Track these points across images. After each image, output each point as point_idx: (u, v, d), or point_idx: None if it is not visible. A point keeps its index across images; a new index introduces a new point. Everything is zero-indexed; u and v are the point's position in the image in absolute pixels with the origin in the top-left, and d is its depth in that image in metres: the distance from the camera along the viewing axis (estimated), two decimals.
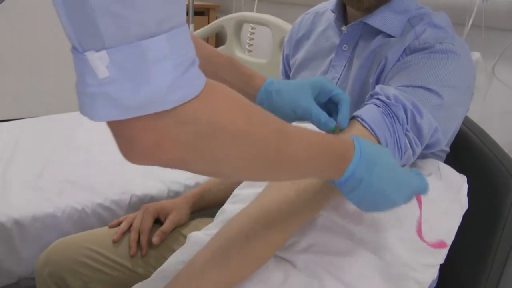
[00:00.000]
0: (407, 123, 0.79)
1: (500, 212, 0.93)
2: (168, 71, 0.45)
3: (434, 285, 0.91)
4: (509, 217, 0.92)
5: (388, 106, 0.79)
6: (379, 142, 0.77)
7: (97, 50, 0.43)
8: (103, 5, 0.42)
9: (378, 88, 0.83)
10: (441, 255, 0.84)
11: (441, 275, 0.88)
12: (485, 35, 1.52)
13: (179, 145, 0.47)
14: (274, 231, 0.72)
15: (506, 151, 0.98)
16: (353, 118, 0.80)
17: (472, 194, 0.88)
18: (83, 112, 0.46)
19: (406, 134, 0.79)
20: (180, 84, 0.45)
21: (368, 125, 0.77)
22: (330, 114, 0.81)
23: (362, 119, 0.78)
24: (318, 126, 0.79)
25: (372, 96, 0.83)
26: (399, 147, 0.78)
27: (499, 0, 1.51)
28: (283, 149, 0.57)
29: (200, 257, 0.71)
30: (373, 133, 0.77)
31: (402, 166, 0.81)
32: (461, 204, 0.87)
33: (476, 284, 0.95)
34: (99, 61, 0.43)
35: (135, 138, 0.46)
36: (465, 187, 0.88)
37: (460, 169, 0.90)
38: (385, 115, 0.78)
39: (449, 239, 0.84)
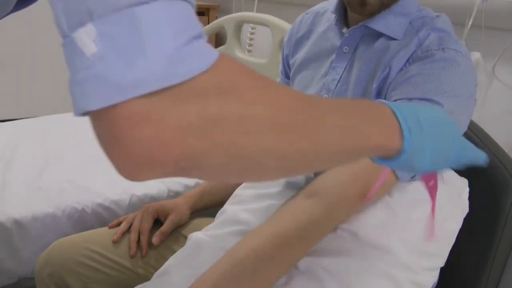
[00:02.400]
0: None
1: (500, 212, 0.92)
2: (167, 40, 0.37)
3: (434, 286, 0.91)
4: (509, 217, 0.92)
5: None
6: None
7: (83, 25, 0.36)
8: None
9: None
10: (443, 258, 0.84)
11: (442, 275, 0.88)
12: (485, 35, 1.52)
13: (183, 132, 0.37)
14: (285, 255, 0.73)
15: (506, 151, 0.98)
16: None
17: (472, 194, 0.88)
18: (76, 107, 0.38)
19: None
20: (182, 56, 0.37)
21: None
22: None
23: None
24: None
25: None
26: None
27: (499, 0, 1.51)
28: (314, 113, 0.46)
29: (210, 277, 0.70)
30: None
31: (412, 177, 0.82)
32: (462, 208, 0.87)
33: (476, 284, 0.95)
34: (85, 36, 0.36)
35: (129, 140, 0.37)
36: (466, 190, 0.88)
37: (460, 169, 0.90)
38: None
39: (450, 243, 0.84)
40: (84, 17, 0.36)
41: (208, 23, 2.40)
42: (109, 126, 0.37)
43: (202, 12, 3.03)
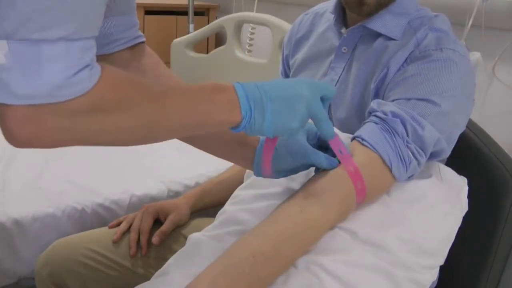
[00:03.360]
0: (408, 136, 0.80)
1: (500, 212, 0.93)
2: (58, 72, 0.51)
3: (434, 286, 0.91)
4: (509, 217, 0.92)
5: (385, 121, 0.80)
6: (381, 159, 0.78)
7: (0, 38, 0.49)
8: (25, 4, 0.48)
9: (375, 104, 0.84)
10: (442, 257, 0.84)
11: (441, 275, 0.88)
12: (485, 35, 1.52)
13: (54, 132, 0.54)
14: (283, 255, 0.73)
15: (506, 151, 0.98)
16: (353, 139, 0.81)
17: (472, 194, 0.88)
18: None
19: (407, 146, 0.80)
20: (67, 85, 0.51)
21: (369, 144, 0.78)
22: (325, 149, 0.81)
23: (362, 139, 0.79)
24: (321, 168, 0.79)
25: (370, 113, 0.84)
26: (403, 160, 0.79)
27: (499, 0, 1.51)
28: (164, 101, 0.61)
29: (208, 275, 0.70)
30: (374, 150, 0.78)
31: (409, 177, 0.82)
32: (462, 206, 0.87)
33: (476, 284, 0.95)
34: None
35: (14, 131, 0.52)
36: (465, 189, 0.88)
37: (460, 169, 0.90)
38: (384, 131, 0.79)
39: (449, 242, 0.84)
40: (1, 33, 0.49)
41: (208, 23, 2.40)
42: (1, 116, 0.52)
43: (202, 12, 3.03)
